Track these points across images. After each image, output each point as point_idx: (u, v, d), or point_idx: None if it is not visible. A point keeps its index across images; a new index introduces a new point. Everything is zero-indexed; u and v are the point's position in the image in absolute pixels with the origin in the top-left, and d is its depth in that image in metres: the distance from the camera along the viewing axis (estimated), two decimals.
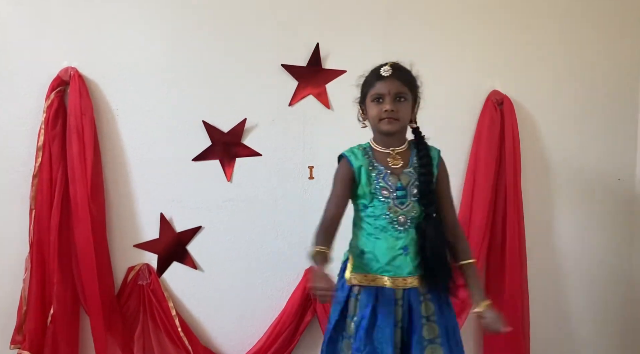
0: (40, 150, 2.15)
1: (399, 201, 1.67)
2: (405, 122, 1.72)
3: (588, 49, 2.52)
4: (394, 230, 1.67)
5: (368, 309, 1.65)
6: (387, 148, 1.72)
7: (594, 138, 2.56)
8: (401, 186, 1.68)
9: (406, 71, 1.73)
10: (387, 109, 1.65)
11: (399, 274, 1.66)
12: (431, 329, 1.67)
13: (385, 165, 1.70)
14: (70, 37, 2.21)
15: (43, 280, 2.18)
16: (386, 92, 1.66)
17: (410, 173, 1.70)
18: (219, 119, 2.30)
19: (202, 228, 2.33)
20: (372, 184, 1.68)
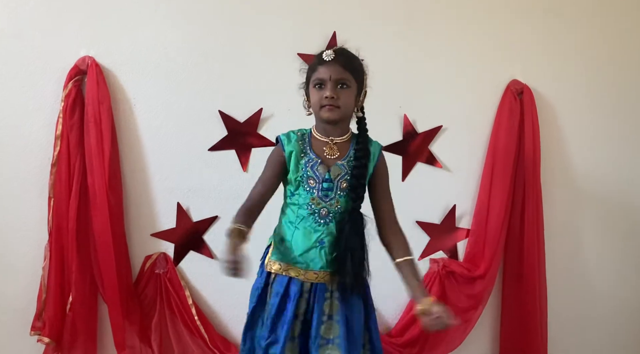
0: (59, 139, 2.17)
1: (323, 193, 1.60)
2: (347, 111, 1.61)
3: (614, 39, 2.46)
4: (314, 221, 1.60)
5: (277, 298, 1.61)
6: (326, 137, 1.63)
7: (615, 128, 2.50)
8: (329, 178, 1.60)
9: (351, 57, 1.62)
10: (327, 95, 1.55)
11: (311, 267, 1.60)
12: (331, 328, 1.60)
13: (319, 154, 1.61)
14: (88, 27, 2.22)
15: (62, 268, 2.20)
16: (327, 77, 1.56)
17: (342, 166, 1.61)
18: (235, 109, 2.30)
19: (218, 218, 2.33)
20: (300, 171, 1.60)
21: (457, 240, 2.45)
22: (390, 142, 2.37)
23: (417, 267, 1.64)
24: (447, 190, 2.44)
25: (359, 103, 1.65)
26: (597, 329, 2.57)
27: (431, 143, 2.41)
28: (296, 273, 1.62)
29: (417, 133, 2.39)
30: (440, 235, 2.43)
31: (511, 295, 2.43)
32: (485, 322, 2.46)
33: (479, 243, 2.40)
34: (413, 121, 2.39)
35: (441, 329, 1.52)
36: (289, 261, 1.63)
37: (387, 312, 2.44)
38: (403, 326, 2.39)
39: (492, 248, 2.36)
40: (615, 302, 2.57)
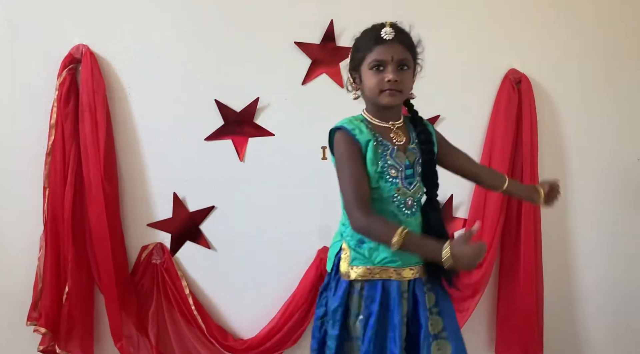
0: (53, 128, 2.15)
1: (408, 181, 1.48)
2: (407, 94, 1.50)
3: (611, 28, 2.45)
4: (402, 214, 1.48)
5: (375, 305, 1.46)
6: (386, 122, 1.51)
7: (612, 118, 2.50)
8: (409, 164, 1.49)
9: (409, 34, 1.51)
10: (391, 79, 1.42)
11: (406, 264, 1.49)
12: (435, 323, 1.52)
13: (390, 141, 1.49)
14: (82, 14, 2.19)
15: (58, 258, 2.19)
16: (389, 58, 1.43)
17: (414, 150, 1.51)
18: (231, 98, 2.28)
19: (215, 207, 2.32)
20: (380, 162, 1.46)
21: (454, 229, 2.45)
22: None
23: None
24: (444, 180, 2.39)
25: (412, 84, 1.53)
26: (593, 319, 2.58)
27: None
28: (389, 274, 1.48)
29: None
30: None
31: (507, 284, 2.43)
32: (481, 311, 2.47)
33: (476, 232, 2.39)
34: None
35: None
36: (379, 264, 1.48)
37: None
38: None
39: (489, 237, 2.36)
40: (611, 291, 2.58)
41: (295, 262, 2.37)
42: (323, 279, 2.28)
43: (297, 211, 2.36)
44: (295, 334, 2.33)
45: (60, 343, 2.20)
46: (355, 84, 1.54)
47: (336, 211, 2.35)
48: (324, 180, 2.34)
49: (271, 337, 2.31)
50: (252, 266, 2.37)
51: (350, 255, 1.50)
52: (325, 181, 2.34)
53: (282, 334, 2.31)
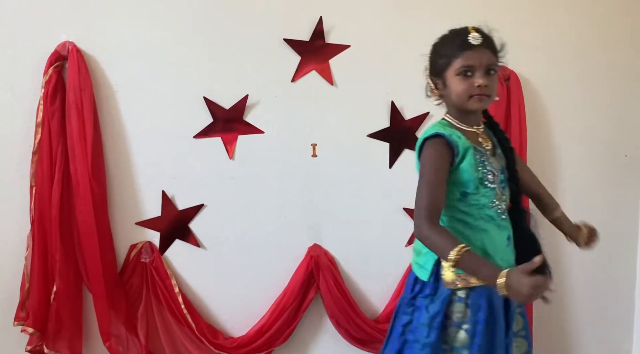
0: (40, 126, 2.12)
1: (502, 186, 1.50)
2: (494, 98, 1.50)
3: (600, 25, 2.47)
4: (500, 219, 1.49)
5: (482, 312, 1.45)
6: (471, 127, 1.52)
7: (600, 114, 2.52)
8: (502, 169, 1.51)
9: (493, 39, 1.52)
10: (481, 84, 1.43)
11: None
12: (517, 322, 1.57)
13: (480, 145, 1.50)
14: (68, 11, 2.16)
15: (45, 257, 2.17)
16: (477, 63, 1.43)
17: (501, 156, 1.54)
18: (220, 95, 2.27)
19: (204, 206, 2.31)
20: (480, 168, 1.46)
21: None
22: (377, 129, 2.36)
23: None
24: None
25: None
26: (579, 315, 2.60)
27: (418, 130, 2.40)
28: None
29: (404, 120, 2.38)
30: None
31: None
32: None
33: None
34: (400, 108, 2.37)
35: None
36: None
37: (375, 298, 2.45)
38: (390, 312, 2.39)
39: None
40: (598, 286, 2.60)
41: (285, 260, 2.36)
42: (313, 277, 2.33)
43: (287, 209, 2.36)
44: (286, 332, 2.32)
45: (48, 343, 2.18)
46: (437, 90, 1.54)
47: (326, 208, 2.37)
48: (314, 178, 2.36)
49: (261, 335, 2.31)
50: (242, 264, 2.36)
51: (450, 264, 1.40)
52: (315, 179, 2.36)
53: (272, 332, 2.30)
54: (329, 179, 2.36)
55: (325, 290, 2.32)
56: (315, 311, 2.39)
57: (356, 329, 2.34)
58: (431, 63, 1.55)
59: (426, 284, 1.53)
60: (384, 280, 2.44)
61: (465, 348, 1.47)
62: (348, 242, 2.40)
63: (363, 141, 2.36)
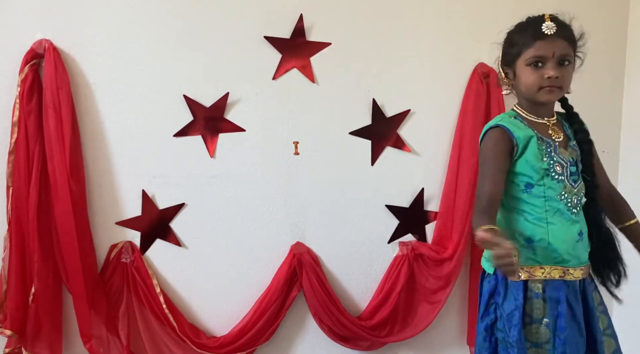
0: (16, 125, 2.08)
1: (572, 179, 1.46)
2: (566, 90, 1.49)
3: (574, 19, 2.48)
4: (570, 212, 1.45)
5: (562, 305, 1.44)
6: (541, 118, 1.49)
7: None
8: (573, 161, 1.47)
9: (570, 28, 1.48)
10: (552, 75, 1.40)
11: (578, 263, 1.47)
12: (602, 320, 1.52)
13: (549, 137, 1.47)
14: (44, 8, 2.12)
15: (23, 259, 2.14)
16: (550, 54, 1.40)
17: (575, 147, 1.49)
18: (201, 93, 2.25)
19: (185, 205, 2.30)
20: (546, 159, 1.44)
21: (425, 223, 2.47)
22: (359, 127, 2.37)
23: None
24: (415, 174, 2.45)
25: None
26: None
27: (400, 127, 2.41)
28: (561, 273, 1.46)
29: (385, 117, 2.39)
30: (409, 218, 2.45)
31: (478, 276, 2.46)
32: (453, 303, 2.51)
33: (447, 225, 2.43)
34: (381, 105, 2.38)
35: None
36: (555, 263, 1.46)
37: (358, 295, 2.45)
38: (373, 309, 2.41)
39: (460, 230, 2.39)
40: None
41: (268, 258, 2.36)
42: (296, 275, 2.32)
43: (269, 207, 2.35)
44: (269, 330, 2.32)
45: (27, 345, 2.15)
46: (507, 80, 1.51)
47: (309, 206, 2.37)
48: (296, 176, 2.35)
49: (244, 334, 2.30)
50: (224, 263, 2.35)
51: (518, 255, 1.38)
52: (297, 177, 2.35)
53: (255, 331, 2.30)
54: (311, 177, 2.36)
55: (308, 287, 2.32)
56: (298, 309, 2.39)
57: (339, 327, 2.35)
58: (503, 51, 1.52)
59: (495, 278, 1.51)
60: (367, 277, 2.45)
61: (547, 343, 1.44)
62: (331, 240, 2.40)
63: (345, 138, 2.37)
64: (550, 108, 1.52)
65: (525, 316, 1.45)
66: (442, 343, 2.56)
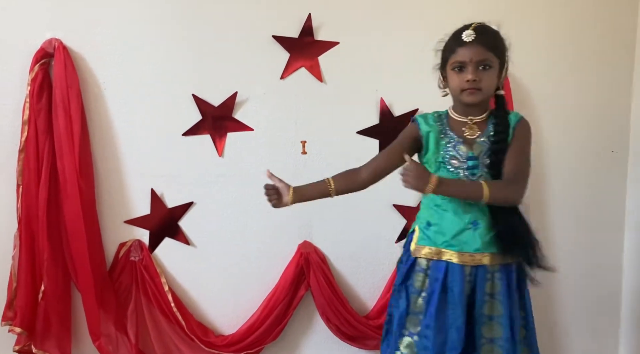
0: (26, 124, 2.10)
1: (470, 172, 1.58)
2: (489, 92, 1.59)
3: (586, 23, 2.48)
4: (464, 203, 1.58)
5: (438, 284, 1.60)
6: (465, 117, 1.63)
7: (588, 111, 2.53)
8: (472, 155, 1.59)
9: (492, 34, 1.59)
10: (469, 79, 1.53)
11: (465, 249, 1.59)
12: (493, 307, 1.61)
13: (459, 134, 1.61)
14: (54, 8, 2.14)
15: (33, 257, 2.15)
16: (468, 59, 1.54)
17: (484, 143, 1.60)
18: (209, 93, 2.26)
19: (193, 203, 2.30)
20: (440, 152, 1.61)
21: None
22: (367, 126, 2.37)
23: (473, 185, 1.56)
24: None
25: (501, 79, 1.63)
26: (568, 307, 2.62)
27: None
28: (449, 256, 1.60)
29: (393, 116, 2.39)
30: None
31: None
32: None
33: None
34: (389, 104, 2.38)
35: None
36: (439, 245, 1.61)
37: (365, 294, 2.45)
38: (380, 308, 2.41)
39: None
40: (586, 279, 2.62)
41: (276, 257, 2.36)
42: (303, 274, 2.33)
43: None
44: (277, 329, 2.32)
45: (36, 343, 2.17)
46: (444, 82, 1.66)
47: (316, 205, 2.36)
48: (304, 175, 2.33)
49: (252, 332, 2.31)
50: (232, 261, 2.36)
51: (418, 236, 1.66)
52: (304, 176, 2.33)
53: (263, 330, 2.30)
54: (318, 176, 2.33)
55: (315, 286, 2.32)
56: (305, 308, 2.40)
57: (347, 326, 2.35)
58: (440, 57, 1.66)
59: (403, 254, 1.74)
60: (375, 277, 2.45)
61: (421, 314, 1.63)
62: (338, 239, 2.40)
63: (352, 138, 2.36)
64: (479, 109, 1.63)
65: (410, 286, 1.66)
66: None
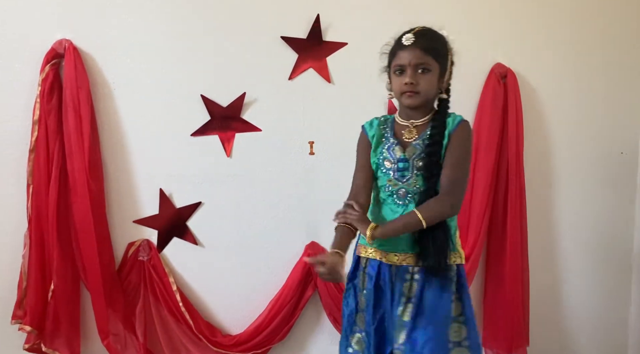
0: (36, 124, 2.12)
1: (400, 173, 1.60)
2: (428, 95, 1.59)
3: (596, 22, 2.47)
4: (393, 203, 1.62)
5: (372, 282, 1.64)
6: (407, 121, 1.63)
7: (597, 112, 2.52)
8: (403, 157, 1.60)
9: (432, 38, 1.59)
10: (407, 82, 1.55)
11: (392, 249, 1.62)
12: (406, 310, 1.58)
13: (398, 137, 1.63)
14: (65, 9, 2.16)
15: (42, 256, 2.17)
16: (407, 62, 1.55)
17: (417, 146, 1.59)
18: (218, 93, 2.27)
19: (202, 203, 2.31)
20: (377, 155, 1.64)
21: None
22: None
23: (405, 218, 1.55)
24: None
25: (444, 83, 1.62)
26: (578, 310, 2.61)
27: None
28: (379, 256, 1.63)
29: None
30: None
31: (494, 277, 2.45)
32: None
33: (462, 227, 2.40)
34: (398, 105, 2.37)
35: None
36: (375, 245, 1.63)
37: None
38: None
39: (476, 230, 2.38)
40: (595, 282, 2.61)
41: (283, 257, 2.36)
42: (311, 274, 2.34)
43: (284, 206, 2.36)
44: (284, 329, 2.33)
45: (46, 341, 2.19)
46: (390, 85, 1.66)
47: (324, 206, 2.37)
48: (312, 175, 2.36)
49: (260, 332, 2.31)
50: (240, 262, 2.36)
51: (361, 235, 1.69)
52: (312, 177, 2.36)
53: (270, 330, 2.31)
54: (326, 177, 2.37)
55: (322, 287, 2.32)
56: (313, 308, 2.40)
57: None
58: (386, 61, 1.67)
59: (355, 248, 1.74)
60: None
61: (364, 310, 1.67)
62: None
63: None
64: (421, 112, 1.62)
65: (356, 285, 1.70)
66: None
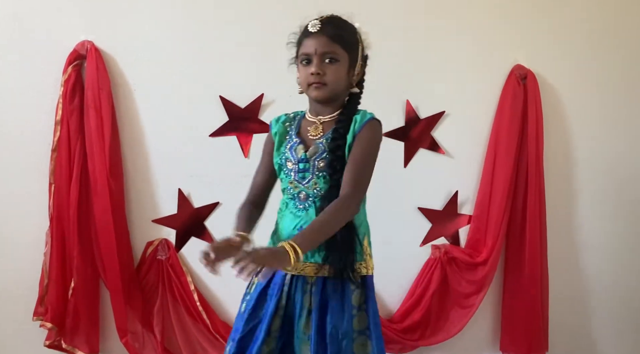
0: (59, 124, 2.16)
1: (300, 175, 1.43)
2: (337, 87, 1.42)
3: (618, 23, 2.43)
4: (294, 207, 1.45)
5: (257, 291, 1.48)
6: (315, 117, 1.47)
7: (618, 113, 2.48)
8: (304, 157, 1.42)
9: (340, 26, 1.45)
10: (313, 72, 1.38)
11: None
12: (308, 323, 1.42)
13: (303, 135, 1.46)
14: (87, 11, 2.20)
15: (63, 254, 2.21)
16: (313, 51, 1.39)
17: (321, 144, 1.42)
18: (236, 95, 2.28)
19: (219, 204, 2.33)
20: (280, 155, 1.47)
21: (459, 226, 2.44)
22: (393, 128, 2.35)
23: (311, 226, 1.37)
24: (449, 177, 2.43)
25: (355, 77, 1.46)
26: (598, 315, 2.56)
27: (434, 129, 2.39)
28: None
29: (419, 119, 2.37)
30: (442, 221, 2.42)
31: (513, 281, 2.42)
32: (486, 308, 2.46)
33: (481, 229, 2.39)
34: (415, 107, 2.37)
35: None
36: None
37: (389, 297, 2.44)
38: (404, 312, 2.39)
39: (494, 234, 2.35)
40: (616, 287, 2.56)
41: None
42: None
43: None
44: None
45: (66, 338, 2.22)
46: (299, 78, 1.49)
47: None
48: None
49: None
50: None
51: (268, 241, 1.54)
52: None
53: None
54: None
55: None
56: None
57: None
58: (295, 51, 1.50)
59: None
60: (399, 280, 2.43)
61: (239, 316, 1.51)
62: None
63: None
64: (330, 108, 1.46)
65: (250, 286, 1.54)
66: (475, 348, 2.51)
